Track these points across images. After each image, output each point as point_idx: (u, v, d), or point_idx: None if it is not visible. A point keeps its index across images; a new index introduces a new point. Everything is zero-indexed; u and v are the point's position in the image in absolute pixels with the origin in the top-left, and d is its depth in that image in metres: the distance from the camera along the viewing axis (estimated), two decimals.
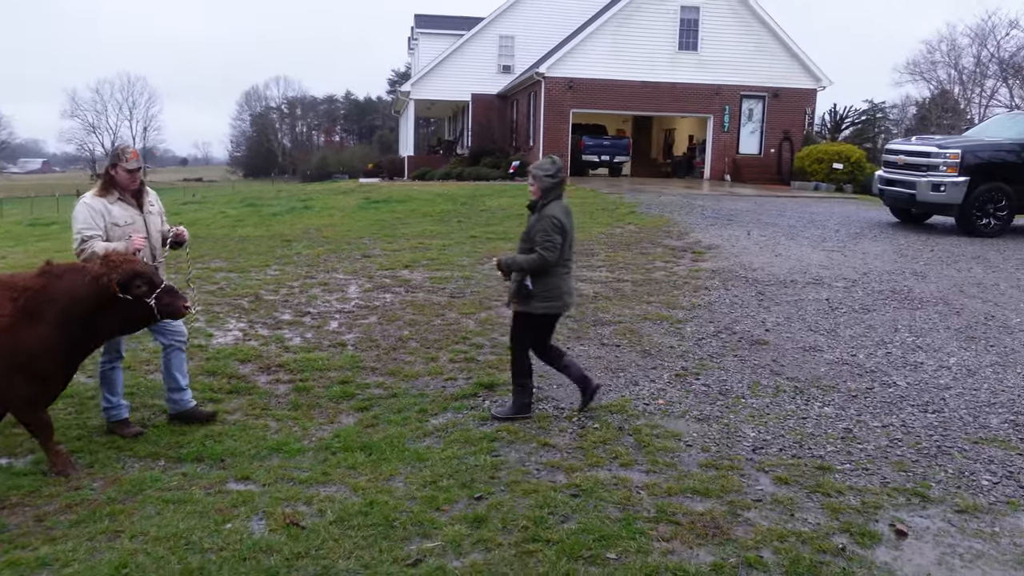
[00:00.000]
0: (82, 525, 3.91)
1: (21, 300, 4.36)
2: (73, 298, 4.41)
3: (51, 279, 4.44)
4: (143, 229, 5.19)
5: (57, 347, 4.43)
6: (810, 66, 26.21)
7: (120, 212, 5.09)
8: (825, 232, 12.98)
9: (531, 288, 5.14)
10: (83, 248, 4.93)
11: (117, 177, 5.08)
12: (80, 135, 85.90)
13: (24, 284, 4.41)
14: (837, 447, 4.85)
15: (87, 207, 5.00)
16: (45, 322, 4.37)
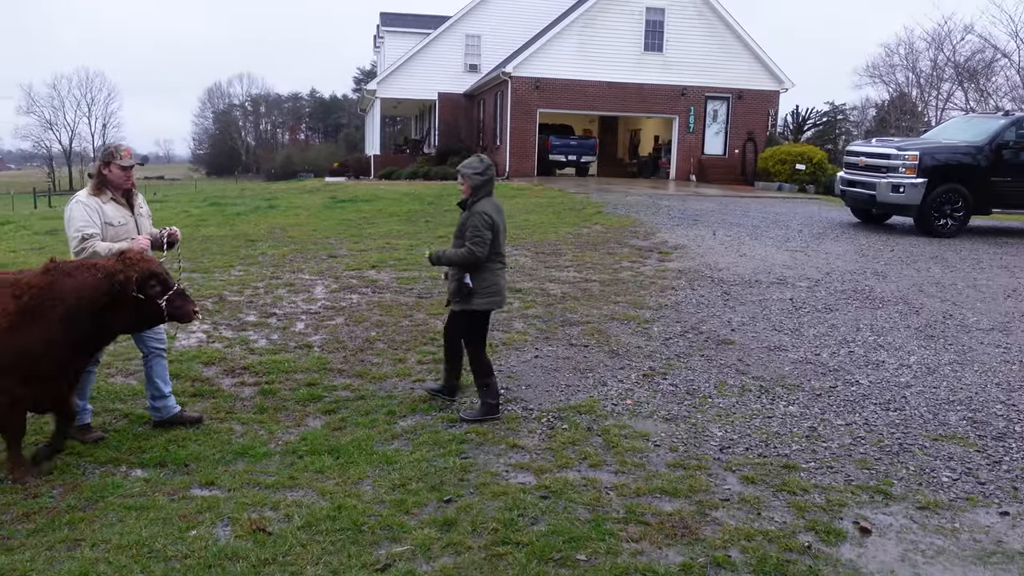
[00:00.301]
0: (40, 534, 3.81)
1: (25, 298, 4.28)
2: (81, 296, 4.34)
3: (58, 277, 4.35)
4: (135, 230, 5.07)
5: (59, 348, 4.35)
6: (773, 68, 26.58)
7: (113, 212, 4.98)
8: (788, 232, 13.17)
9: (471, 286, 5.25)
10: (83, 247, 4.78)
11: (110, 176, 4.96)
12: (36, 132, 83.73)
13: (28, 282, 4.32)
14: (802, 445, 4.92)
15: (83, 206, 4.87)
16: (48, 321, 4.28)
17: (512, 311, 8.12)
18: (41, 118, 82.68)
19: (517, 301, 8.51)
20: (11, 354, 4.23)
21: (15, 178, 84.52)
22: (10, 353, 4.23)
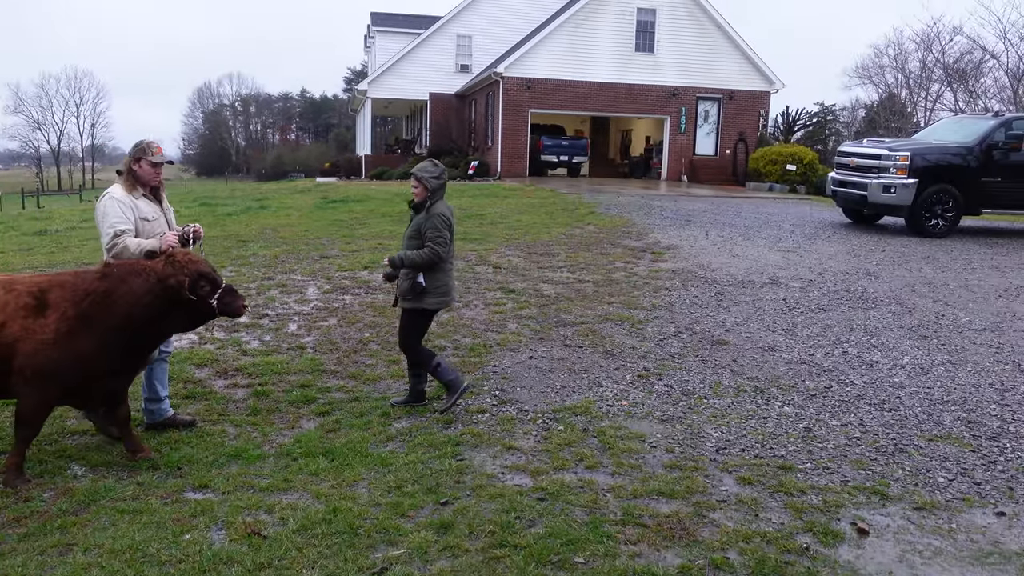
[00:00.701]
0: (32, 539, 3.76)
1: (85, 303, 4.29)
2: (137, 302, 4.35)
3: (114, 283, 4.36)
4: (164, 226, 5.05)
5: (111, 353, 4.37)
6: (764, 69, 26.66)
7: (146, 207, 4.96)
8: (780, 233, 13.20)
9: (424, 285, 5.41)
10: (115, 243, 4.74)
11: (140, 171, 4.94)
12: (24, 131, 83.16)
13: (87, 288, 4.33)
14: (798, 446, 4.92)
15: (116, 202, 4.84)
16: (104, 328, 4.30)
17: (506, 312, 8.10)
18: (29, 118, 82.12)
19: (511, 302, 8.50)
20: (65, 360, 4.25)
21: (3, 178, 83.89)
22: (65, 360, 4.25)
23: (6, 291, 4.29)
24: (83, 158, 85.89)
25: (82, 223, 16.40)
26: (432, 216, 5.37)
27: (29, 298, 4.28)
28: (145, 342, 4.59)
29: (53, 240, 13.72)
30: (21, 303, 4.26)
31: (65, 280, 4.43)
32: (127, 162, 5.03)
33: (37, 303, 4.28)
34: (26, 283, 4.38)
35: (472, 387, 5.49)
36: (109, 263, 4.55)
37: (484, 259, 10.70)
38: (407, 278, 5.45)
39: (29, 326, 4.22)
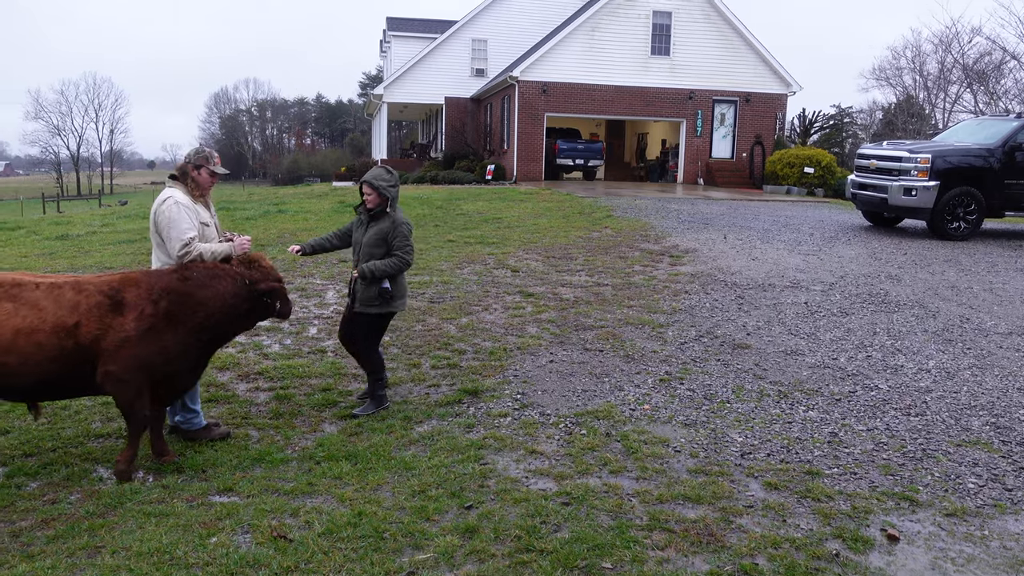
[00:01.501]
0: (60, 541, 3.78)
1: (163, 303, 4.41)
2: (224, 304, 4.57)
3: (197, 286, 4.51)
4: (215, 232, 5.11)
5: (193, 349, 4.55)
6: (780, 71, 26.52)
7: (203, 211, 5.02)
8: (800, 236, 13.11)
9: (391, 290, 5.52)
10: (188, 250, 4.75)
11: (199, 178, 4.98)
12: (44, 137, 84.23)
13: (164, 287, 4.46)
14: (824, 451, 4.87)
15: (183, 207, 4.82)
16: (186, 327, 4.46)
17: (525, 315, 8.08)
18: (49, 124, 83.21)
19: (530, 305, 8.48)
20: (147, 356, 4.39)
21: (24, 183, 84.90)
22: (146, 355, 4.38)
23: (76, 292, 4.37)
24: (102, 163, 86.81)
25: (102, 227, 16.54)
26: (398, 225, 5.49)
27: (102, 297, 4.38)
28: (217, 342, 4.78)
29: (74, 244, 13.83)
30: (93, 302, 4.35)
31: (137, 279, 4.53)
32: (186, 167, 5.01)
33: (112, 302, 4.38)
34: (95, 283, 4.46)
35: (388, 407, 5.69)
36: (187, 266, 4.66)
37: (502, 263, 10.69)
38: (372, 285, 5.53)
39: (108, 324, 4.33)
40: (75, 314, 4.32)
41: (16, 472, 4.65)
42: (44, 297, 4.34)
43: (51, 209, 45.34)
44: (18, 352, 4.23)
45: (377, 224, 5.51)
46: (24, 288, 4.36)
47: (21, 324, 4.25)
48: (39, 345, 4.26)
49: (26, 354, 4.24)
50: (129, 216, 19.53)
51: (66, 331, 4.29)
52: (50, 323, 4.28)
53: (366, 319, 5.63)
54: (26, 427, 5.31)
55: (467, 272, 10.12)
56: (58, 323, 4.29)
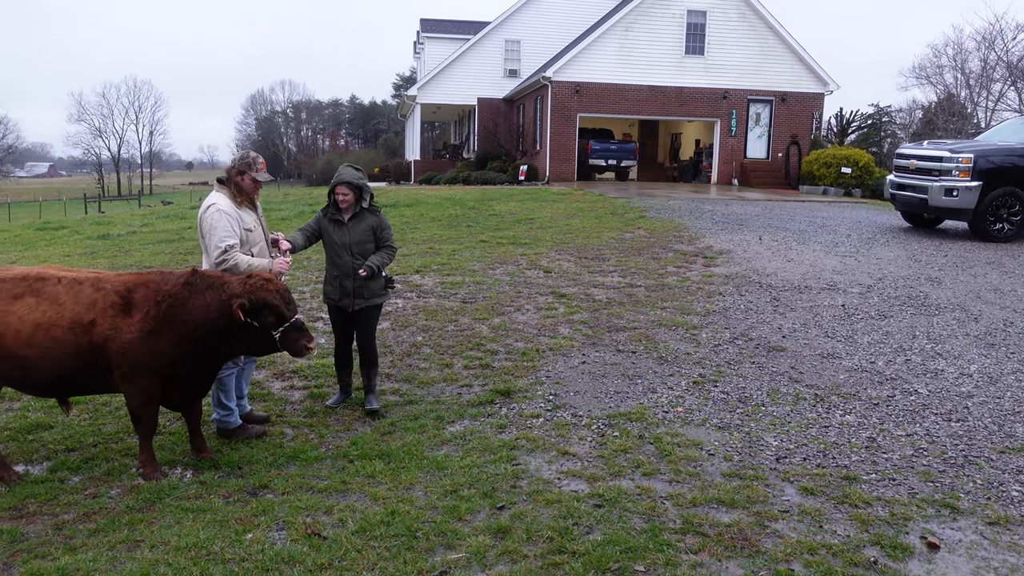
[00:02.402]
0: (101, 534, 3.86)
1: (164, 304, 4.41)
2: (205, 315, 4.40)
3: (193, 291, 4.44)
4: (261, 236, 5.17)
5: (190, 355, 4.48)
6: (817, 70, 26.15)
7: (248, 217, 5.06)
8: (837, 237, 12.91)
9: (393, 281, 5.81)
10: (225, 258, 4.82)
11: (243, 184, 5.04)
12: (86, 139, 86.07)
13: (168, 289, 4.46)
14: (862, 456, 4.78)
15: (224, 215, 4.89)
16: (177, 333, 4.41)
17: (557, 316, 8.07)
18: (91, 126, 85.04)
19: (562, 306, 8.46)
20: (150, 357, 4.39)
21: (67, 184, 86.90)
22: (147, 354, 4.38)
23: (95, 290, 4.43)
24: (141, 164, 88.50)
25: (142, 227, 16.86)
26: (382, 219, 5.67)
27: (116, 297, 4.42)
28: (213, 354, 4.62)
29: (115, 244, 14.13)
30: (109, 302, 4.40)
31: (150, 279, 4.55)
32: (230, 173, 5.08)
33: (124, 302, 4.42)
34: (113, 282, 4.52)
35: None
36: (196, 270, 4.62)
37: (534, 263, 10.68)
38: (380, 277, 5.66)
39: (118, 324, 4.36)
40: (92, 311, 4.36)
41: (59, 466, 4.76)
42: (64, 292, 4.40)
43: (92, 209, 46.36)
44: (37, 346, 4.30)
45: (362, 221, 5.57)
46: (47, 282, 4.44)
47: (40, 318, 4.32)
48: (56, 340, 4.31)
49: (44, 348, 4.31)
50: (168, 216, 19.88)
51: (82, 328, 4.34)
52: (68, 319, 4.33)
53: (375, 311, 5.76)
54: (68, 422, 5.43)
55: (499, 272, 10.14)
56: (75, 319, 4.33)
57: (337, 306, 5.69)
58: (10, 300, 4.36)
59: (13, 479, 4.51)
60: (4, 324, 4.31)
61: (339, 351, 5.86)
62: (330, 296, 5.71)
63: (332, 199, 5.54)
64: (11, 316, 4.32)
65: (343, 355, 5.84)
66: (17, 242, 15.41)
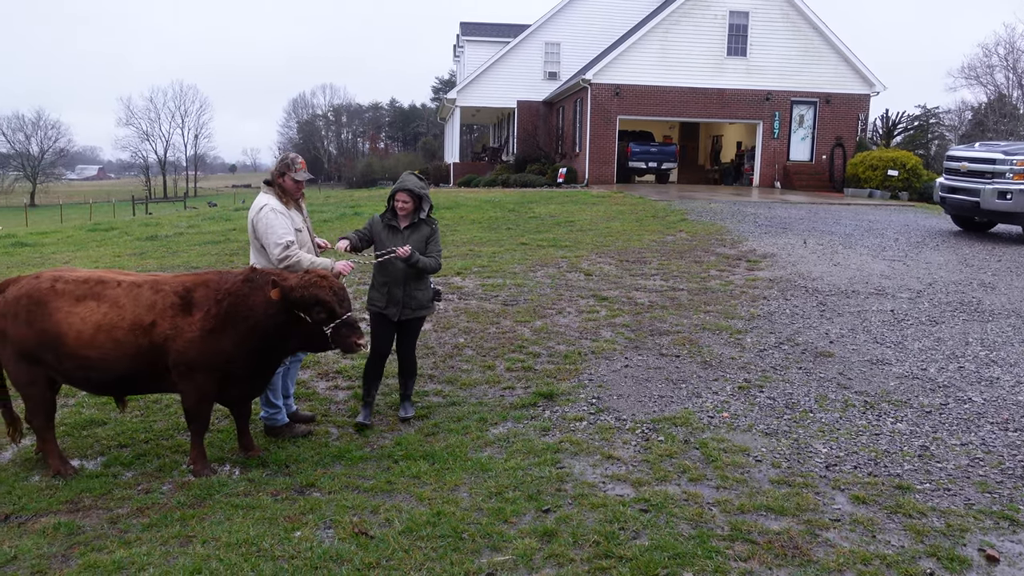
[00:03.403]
0: (154, 529, 3.94)
1: (225, 303, 4.50)
2: (266, 311, 4.50)
3: (254, 288, 4.54)
4: (307, 236, 5.26)
5: (252, 352, 4.56)
6: (863, 71, 25.66)
7: (296, 217, 5.16)
8: (884, 241, 12.64)
9: (440, 293, 5.77)
10: (287, 255, 4.92)
11: (285, 185, 5.14)
12: (134, 142, 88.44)
13: (228, 287, 4.55)
14: (915, 465, 4.67)
15: (278, 214, 5.00)
16: (243, 329, 4.49)
17: (599, 319, 8.03)
18: (139, 129, 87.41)
19: (604, 309, 8.42)
20: (210, 356, 4.47)
21: (115, 186, 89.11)
22: (210, 355, 4.47)
23: (154, 291, 4.53)
24: (186, 167, 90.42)
25: (188, 229, 17.19)
26: (436, 231, 5.54)
27: (175, 297, 4.51)
28: (272, 351, 4.70)
29: (163, 245, 14.42)
30: (168, 303, 4.49)
31: (209, 279, 4.64)
32: (274, 174, 5.20)
33: (183, 302, 4.51)
34: (172, 283, 4.61)
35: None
36: (255, 268, 4.73)
37: (575, 266, 10.65)
38: (428, 287, 5.59)
39: (178, 324, 4.45)
40: (151, 313, 4.47)
41: (112, 462, 4.87)
42: (124, 295, 4.51)
43: (140, 211, 47.46)
44: (98, 347, 4.43)
45: (418, 231, 5.45)
46: (107, 286, 4.55)
47: (102, 320, 4.43)
48: (117, 342, 4.43)
49: (105, 349, 4.43)
50: (213, 218, 20.25)
51: (142, 329, 4.44)
52: (128, 320, 4.44)
53: (420, 323, 5.71)
54: (120, 419, 5.55)
55: (540, 275, 10.13)
56: (135, 321, 4.45)
57: (382, 314, 5.53)
58: (73, 302, 4.48)
59: (70, 473, 4.63)
60: (67, 325, 4.43)
61: (374, 362, 5.59)
62: (375, 303, 5.56)
63: (391, 204, 5.46)
64: (74, 318, 4.44)
65: (377, 367, 5.61)
66: (70, 243, 15.82)
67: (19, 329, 4.49)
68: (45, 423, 4.69)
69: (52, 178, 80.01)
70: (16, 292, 4.57)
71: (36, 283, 4.57)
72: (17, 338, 4.50)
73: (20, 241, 16.16)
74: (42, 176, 76.90)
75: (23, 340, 4.49)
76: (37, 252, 14.32)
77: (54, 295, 4.50)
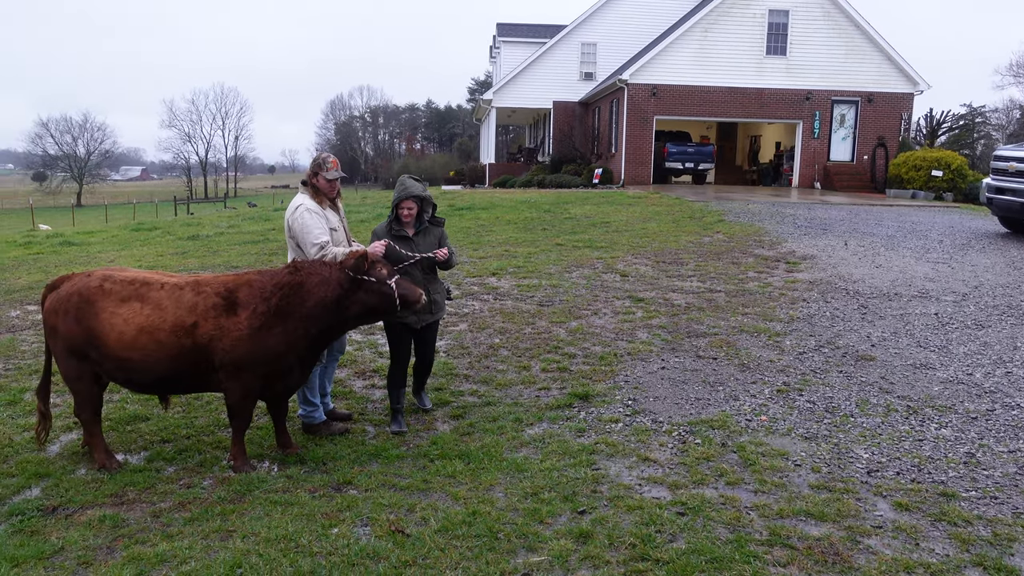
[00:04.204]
0: (196, 523, 4.01)
1: (275, 299, 4.60)
2: (328, 288, 4.63)
3: (305, 275, 4.67)
4: (343, 235, 5.35)
5: (301, 343, 4.67)
6: (906, 69, 25.16)
7: (332, 216, 5.26)
8: (928, 243, 12.38)
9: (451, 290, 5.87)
10: (323, 254, 5.03)
11: (318, 184, 5.24)
12: (176, 144, 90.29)
13: (277, 283, 4.65)
14: (960, 472, 4.56)
15: (313, 214, 5.11)
16: (294, 320, 4.60)
17: (635, 320, 7.98)
18: (181, 131, 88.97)
19: (640, 311, 8.37)
20: (259, 353, 4.56)
21: (157, 187, 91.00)
22: (259, 352, 4.55)
23: (195, 293, 4.61)
24: (227, 168, 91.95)
25: (229, 228, 17.48)
26: (444, 231, 5.60)
27: (217, 298, 4.59)
28: (330, 329, 4.80)
29: (204, 244, 14.69)
30: (210, 303, 4.57)
31: (251, 279, 4.72)
32: (308, 175, 5.29)
33: (226, 303, 4.58)
34: (213, 284, 4.69)
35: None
36: (296, 260, 4.84)
37: (611, 267, 10.61)
38: (443, 289, 5.66)
39: (222, 324, 4.53)
40: (193, 314, 4.54)
41: (155, 457, 4.98)
42: (167, 297, 4.59)
43: (182, 211, 48.39)
44: (141, 348, 4.52)
45: (429, 234, 5.47)
46: (150, 288, 4.64)
47: (145, 322, 4.52)
48: (160, 343, 4.51)
49: (148, 351, 4.52)
50: (253, 218, 20.56)
51: (184, 330, 4.52)
52: (170, 322, 4.52)
53: (438, 325, 5.81)
54: (163, 415, 5.66)
55: (576, 276, 10.10)
56: (177, 323, 4.52)
57: (402, 324, 5.43)
58: (118, 303, 4.58)
59: (115, 467, 4.74)
60: (108, 325, 4.53)
61: (399, 371, 5.55)
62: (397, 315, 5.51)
63: (395, 213, 5.37)
64: (116, 319, 4.54)
65: (402, 375, 5.56)
66: (114, 242, 16.19)
67: (69, 326, 4.61)
68: (92, 417, 4.81)
69: (97, 179, 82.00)
70: (68, 289, 4.70)
71: (87, 281, 4.69)
72: (67, 334, 4.62)
73: (68, 240, 16.60)
74: (88, 177, 78.88)
75: (72, 337, 4.61)
76: (83, 251, 14.68)
77: (102, 294, 4.60)
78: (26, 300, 9.64)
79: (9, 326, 8.36)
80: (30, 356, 7.16)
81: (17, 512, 4.19)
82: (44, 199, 68.25)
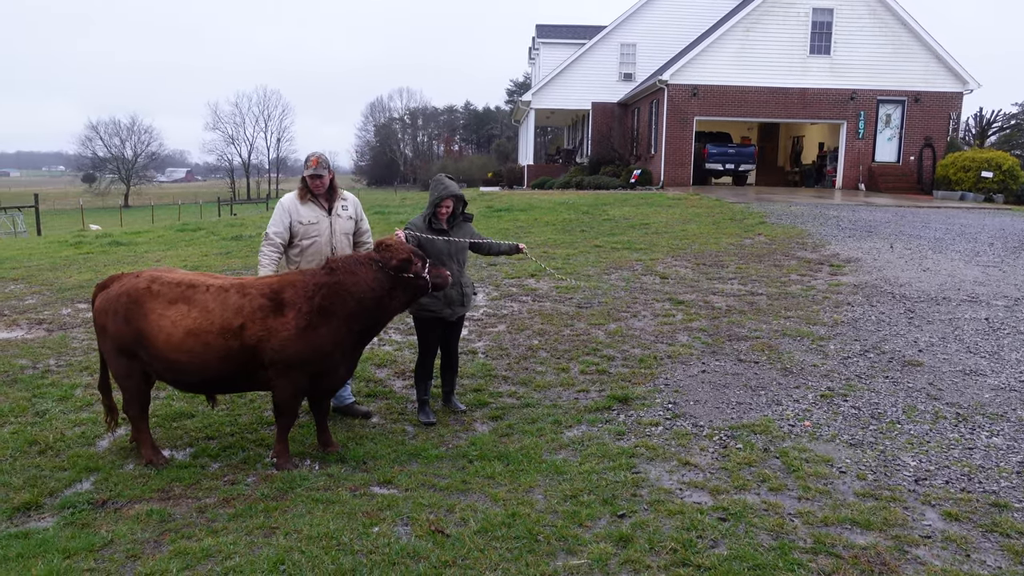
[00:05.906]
0: (240, 519, 4.07)
1: (318, 298, 4.70)
2: (367, 287, 4.75)
3: (342, 275, 4.78)
4: (326, 229, 5.56)
5: (346, 340, 4.79)
6: (955, 68, 24.55)
7: (307, 212, 5.54)
8: (978, 246, 12.06)
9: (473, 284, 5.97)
10: (263, 244, 5.49)
11: (306, 181, 5.56)
12: (220, 146, 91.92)
13: (316, 282, 4.76)
14: (1012, 482, 4.44)
15: (279, 206, 5.61)
16: (339, 318, 4.71)
17: (675, 323, 7.92)
18: (224, 134, 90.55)
19: (680, 313, 8.30)
20: (308, 351, 4.65)
21: (201, 188, 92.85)
22: (307, 350, 4.64)
23: (241, 296, 4.69)
24: (268, 169, 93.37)
25: None
26: (473, 229, 5.81)
27: (263, 299, 4.66)
28: (372, 326, 4.93)
29: (247, 245, 14.93)
30: (256, 305, 4.65)
31: (295, 280, 4.80)
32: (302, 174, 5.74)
33: (272, 304, 4.65)
34: (258, 286, 4.77)
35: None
36: (331, 259, 4.96)
37: (650, 269, 10.53)
38: (469, 285, 5.77)
39: (269, 325, 4.60)
40: (240, 316, 4.61)
41: (200, 453, 5.07)
42: (212, 300, 4.67)
43: (225, 212, 49.28)
44: (188, 351, 4.60)
45: (461, 229, 5.69)
46: (196, 290, 4.73)
47: (192, 325, 4.61)
48: (207, 345, 4.59)
49: (195, 352, 4.60)
50: None
51: (231, 332, 4.60)
52: (217, 325, 4.60)
53: (461, 323, 5.92)
54: (208, 412, 5.77)
55: (615, 278, 10.05)
56: (224, 325, 4.60)
57: (436, 317, 5.61)
58: (167, 304, 4.68)
59: (162, 463, 4.84)
60: (157, 328, 4.63)
61: (427, 364, 5.72)
62: (429, 308, 5.57)
63: (433, 210, 5.52)
64: (165, 321, 4.63)
65: (429, 367, 5.74)
66: (160, 242, 16.54)
67: (118, 325, 4.72)
68: (140, 414, 4.91)
69: (144, 180, 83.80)
70: (118, 289, 4.81)
71: (136, 282, 4.80)
72: (116, 334, 4.74)
73: (116, 240, 17.01)
74: (135, 179, 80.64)
75: (121, 336, 4.72)
76: (131, 251, 15.03)
77: (150, 296, 4.71)
78: (77, 298, 9.90)
79: (61, 323, 8.59)
80: (80, 353, 7.34)
81: (69, 505, 4.30)
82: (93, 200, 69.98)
